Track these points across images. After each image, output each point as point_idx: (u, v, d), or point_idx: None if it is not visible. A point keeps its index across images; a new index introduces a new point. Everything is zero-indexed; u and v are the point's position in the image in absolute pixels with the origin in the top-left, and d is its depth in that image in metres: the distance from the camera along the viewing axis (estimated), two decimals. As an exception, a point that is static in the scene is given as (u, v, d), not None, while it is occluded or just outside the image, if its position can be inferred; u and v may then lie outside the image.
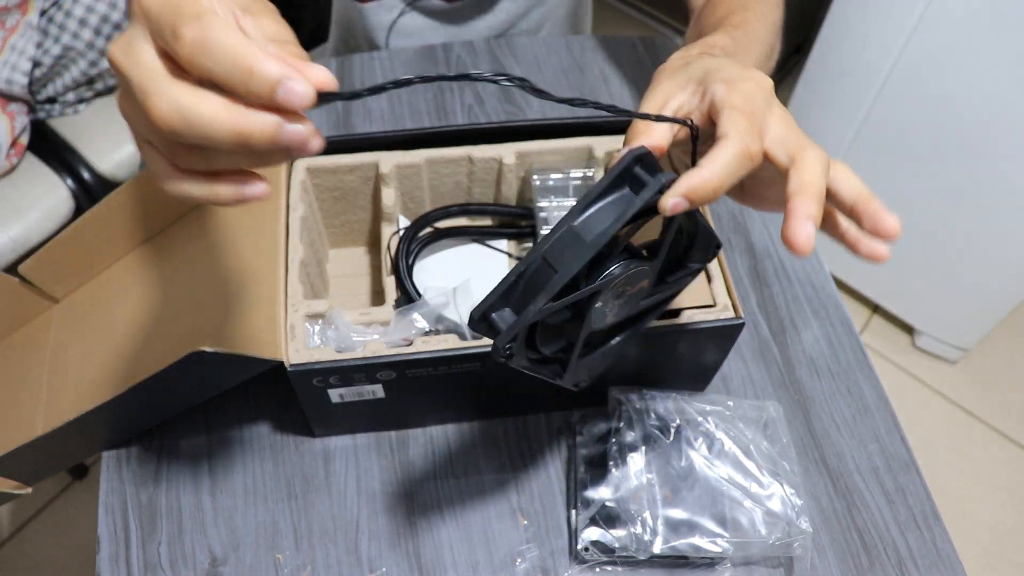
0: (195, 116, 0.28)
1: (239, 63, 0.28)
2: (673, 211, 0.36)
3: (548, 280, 0.36)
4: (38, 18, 1.10)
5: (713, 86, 0.40)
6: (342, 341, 0.54)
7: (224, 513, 0.58)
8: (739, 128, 0.38)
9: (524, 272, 0.37)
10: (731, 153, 0.37)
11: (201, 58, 0.28)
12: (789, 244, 0.36)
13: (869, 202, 0.40)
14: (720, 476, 0.56)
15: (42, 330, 0.66)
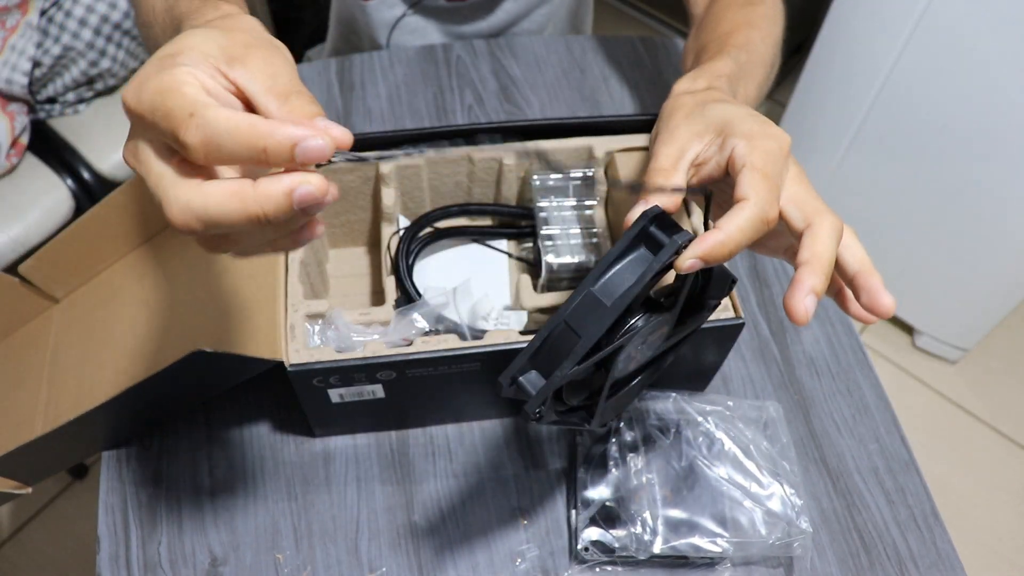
0: (205, 215, 0.29)
1: (251, 146, 0.29)
2: (688, 271, 0.37)
3: (572, 346, 0.37)
4: (38, 18, 1.10)
5: (733, 140, 0.40)
6: (342, 341, 0.54)
7: (224, 513, 0.58)
8: (759, 192, 0.38)
9: (548, 336, 0.38)
10: (749, 217, 0.38)
11: (214, 156, 0.29)
12: (789, 312, 0.37)
13: (870, 276, 0.40)
14: (720, 476, 0.56)
15: (42, 330, 0.66)
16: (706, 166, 0.42)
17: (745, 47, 0.54)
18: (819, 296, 0.37)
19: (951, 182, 1.25)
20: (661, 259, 0.38)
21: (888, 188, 1.33)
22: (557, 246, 0.62)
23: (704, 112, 0.43)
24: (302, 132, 0.29)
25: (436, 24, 0.90)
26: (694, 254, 0.37)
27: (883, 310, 0.39)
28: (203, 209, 0.29)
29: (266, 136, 0.29)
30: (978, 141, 1.17)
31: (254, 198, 0.29)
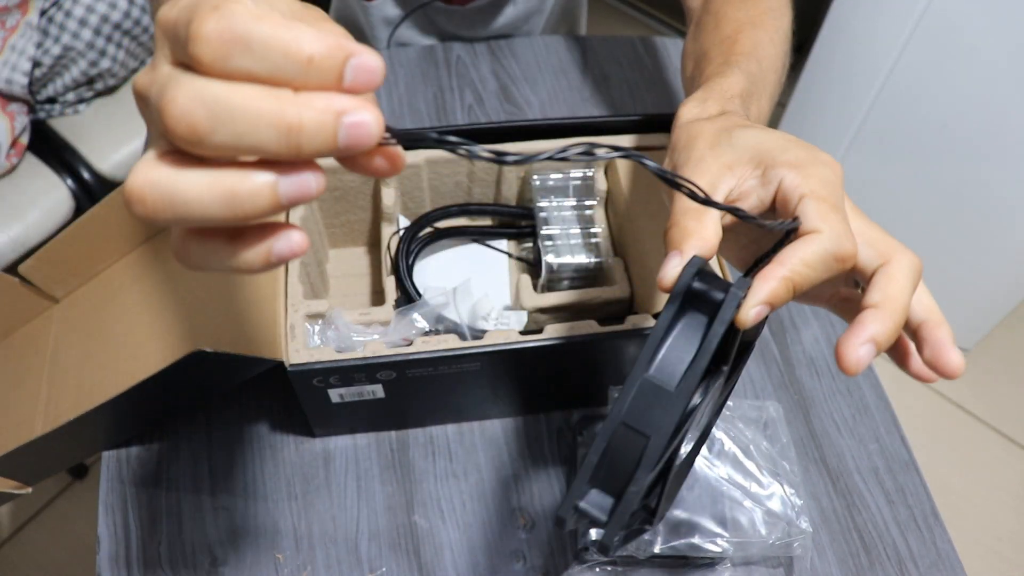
0: (226, 108, 0.21)
1: (291, 52, 0.22)
2: (755, 322, 0.31)
3: (642, 449, 0.31)
4: (38, 18, 1.10)
5: (779, 171, 0.34)
6: (342, 341, 0.54)
7: (224, 513, 0.58)
8: (831, 224, 0.32)
9: (607, 448, 0.32)
10: (823, 251, 0.32)
11: (235, 59, 0.22)
12: (839, 358, 0.31)
13: (937, 328, 0.34)
14: (720, 476, 0.56)
15: (42, 330, 0.66)
16: (742, 203, 0.36)
17: (753, 54, 0.48)
18: (880, 349, 0.31)
19: (951, 182, 1.25)
20: (724, 318, 0.31)
21: (888, 188, 1.33)
22: (557, 246, 0.62)
23: (732, 140, 0.37)
24: (356, 45, 0.22)
25: (436, 27, 0.90)
26: (759, 300, 0.31)
27: (950, 369, 0.34)
28: (224, 96, 0.21)
29: (314, 42, 0.22)
30: (978, 141, 1.17)
31: (294, 102, 0.22)
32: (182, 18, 0.23)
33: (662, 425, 0.30)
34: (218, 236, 0.25)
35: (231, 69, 0.22)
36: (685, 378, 0.31)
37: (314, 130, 0.22)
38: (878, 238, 0.34)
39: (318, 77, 0.22)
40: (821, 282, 0.32)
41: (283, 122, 0.22)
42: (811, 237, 0.32)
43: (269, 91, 0.22)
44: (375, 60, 0.22)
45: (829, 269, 0.32)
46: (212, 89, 0.22)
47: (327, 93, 0.22)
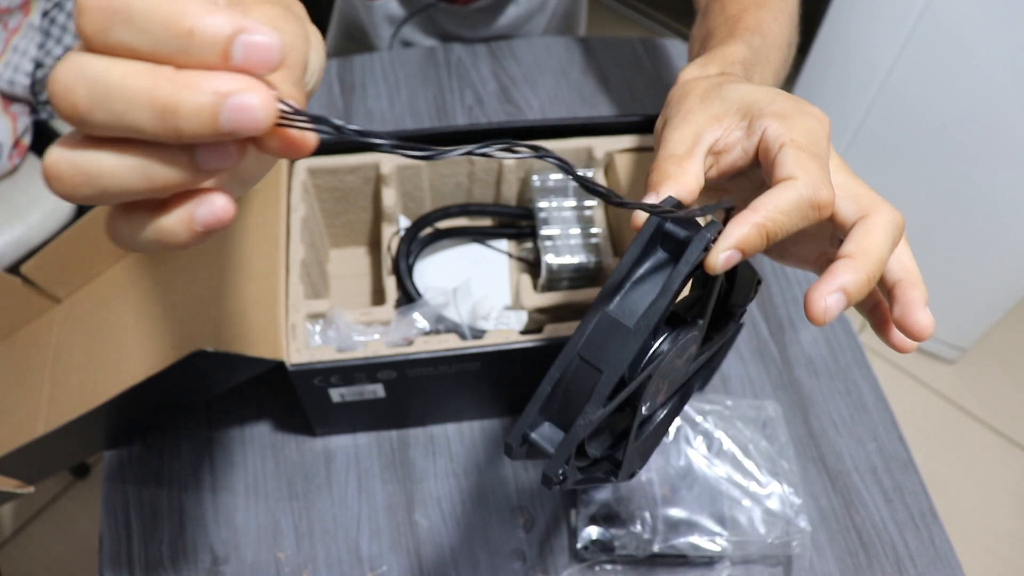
0: (103, 86, 0.20)
1: (172, 23, 0.20)
2: (724, 267, 0.30)
3: (594, 383, 0.30)
4: (40, 19, 1.10)
5: (764, 121, 0.34)
6: (343, 341, 0.54)
7: (225, 512, 0.58)
8: (807, 171, 0.31)
9: (561, 379, 0.31)
10: (797, 197, 0.31)
11: (116, 30, 0.20)
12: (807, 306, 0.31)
13: (911, 288, 0.33)
14: (719, 475, 0.56)
15: (44, 330, 0.66)
16: (728, 154, 0.36)
17: (757, 29, 0.48)
18: (850, 300, 0.30)
19: (949, 183, 1.25)
20: (690, 259, 0.30)
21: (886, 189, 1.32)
22: (557, 246, 0.62)
23: (722, 93, 0.37)
24: (250, 22, 0.20)
25: (438, 28, 0.90)
26: (729, 244, 0.30)
27: (917, 329, 0.32)
28: (102, 73, 0.20)
29: (199, 14, 0.20)
30: (975, 142, 1.17)
31: (172, 81, 0.20)
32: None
33: (616, 360, 0.30)
34: (141, 208, 0.23)
35: (113, 42, 0.20)
36: (644, 316, 0.30)
37: (191, 112, 0.20)
38: (862, 193, 0.34)
39: (201, 53, 0.20)
40: (796, 230, 0.32)
41: (157, 102, 0.20)
42: (786, 184, 0.31)
43: (147, 69, 0.20)
44: (268, 38, 0.20)
45: (805, 217, 0.31)
46: (92, 66, 0.20)
47: (210, 72, 0.20)
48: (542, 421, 0.32)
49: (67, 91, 0.20)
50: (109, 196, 0.22)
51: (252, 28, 0.20)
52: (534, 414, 0.31)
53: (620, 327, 0.30)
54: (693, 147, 0.35)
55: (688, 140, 0.35)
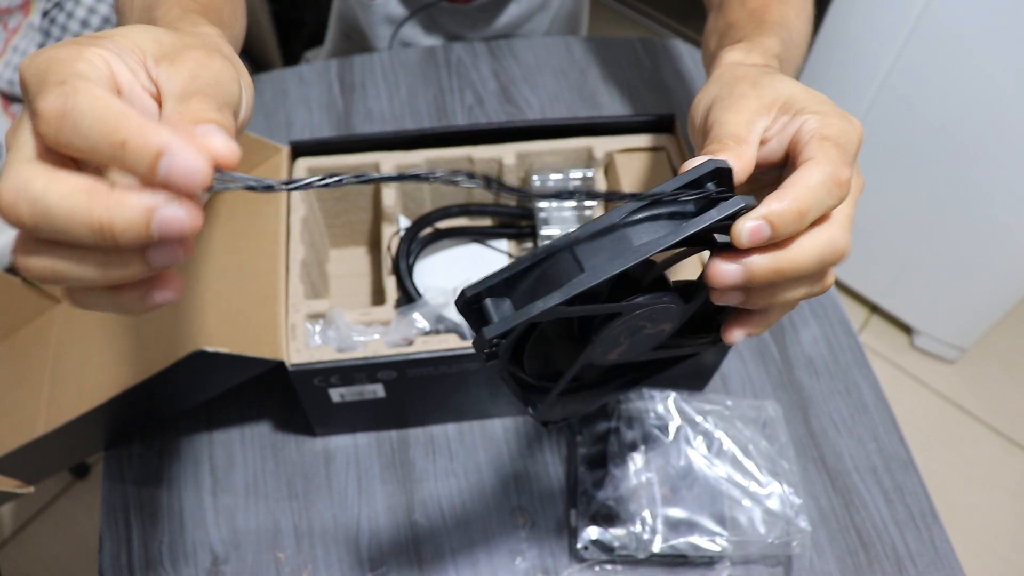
0: (44, 202, 0.23)
1: (108, 134, 0.22)
2: (751, 240, 0.30)
3: (571, 278, 0.29)
4: (40, 19, 1.10)
5: (804, 116, 0.35)
6: (343, 341, 0.54)
7: (225, 512, 0.58)
8: (828, 153, 0.32)
9: (542, 261, 0.30)
10: (819, 174, 0.31)
11: (63, 134, 0.23)
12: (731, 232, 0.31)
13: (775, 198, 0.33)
14: (719, 475, 0.56)
15: (44, 330, 0.66)
16: (766, 145, 0.36)
17: (784, 25, 0.48)
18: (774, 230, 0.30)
19: (949, 182, 1.25)
20: (715, 216, 0.29)
21: (886, 188, 1.33)
22: (557, 246, 0.62)
23: (773, 84, 0.37)
24: (174, 141, 0.23)
25: (439, 27, 0.90)
26: (760, 215, 0.30)
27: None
28: (41, 193, 0.22)
29: (130, 130, 0.22)
30: (976, 142, 1.17)
31: (105, 201, 0.23)
32: (34, 81, 0.24)
33: (601, 268, 0.29)
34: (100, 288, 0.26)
35: (62, 142, 0.23)
36: (648, 243, 0.29)
37: (124, 227, 0.23)
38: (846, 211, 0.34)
39: (133, 164, 0.23)
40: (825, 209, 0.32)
41: (94, 221, 0.23)
42: (808, 163, 0.32)
43: (84, 187, 0.23)
44: (192, 160, 0.23)
45: (830, 193, 0.32)
46: (34, 186, 0.23)
47: (139, 190, 0.23)
48: (504, 295, 0.31)
49: (11, 207, 0.23)
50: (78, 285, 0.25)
51: (176, 149, 0.23)
52: (498, 281, 0.30)
53: (622, 243, 0.30)
54: (749, 133, 0.36)
55: (744, 124, 0.36)
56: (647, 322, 0.34)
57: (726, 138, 0.35)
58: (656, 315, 0.34)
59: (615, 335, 0.34)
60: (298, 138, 0.61)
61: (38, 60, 0.25)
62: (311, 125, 0.79)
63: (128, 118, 0.23)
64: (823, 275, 0.34)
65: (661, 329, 0.35)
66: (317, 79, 0.84)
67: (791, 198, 0.31)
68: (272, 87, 0.82)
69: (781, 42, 0.46)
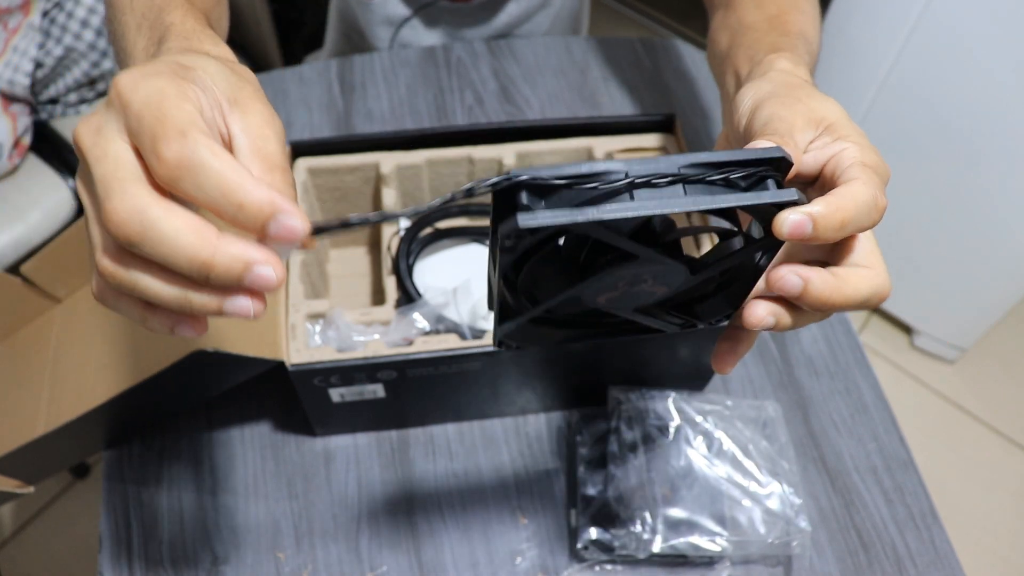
0: (157, 230, 0.26)
1: (228, 194, 0.26)
2: (791, 233, 0.31)
3: (620, 202, 0.30)
4: (40, 19, 1.10)
5: (845, 143, 0.37)
6: (343, 341, 0.54)
7: (225, 512, 0.58)
8: (872, 179, 0.34)
9: (598, 175, 0.30)
10: (866, 194, 0.33)
11: (184, 183, 0.26)
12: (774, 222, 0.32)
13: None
14: (719, 475, 0.56)
15: (44, 330, 0.66)
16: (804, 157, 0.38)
17: (804, 37, 0.50)
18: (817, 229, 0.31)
19: (949, 182, 1.25)
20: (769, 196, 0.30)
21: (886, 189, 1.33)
22: (557, 246, 0.62)
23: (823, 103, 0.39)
24: (287, 206, 0.26)
25: (439, 26, 0.90)
26: (806, 211, 0.31)
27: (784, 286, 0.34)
28: (155, 221, 0.26)
29: (250, 192, 0.26)
30: (976, 141, 1.17)
31: (213, 244, 0.26)
32: (147, 121, 0.26)
33: (653, 204, 0.29)
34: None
35: (180, 189, 0.26)
36: (701, 199, 0.30)
37: (223, 270, 0.26)
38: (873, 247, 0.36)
39: (245, 223, 0.26)
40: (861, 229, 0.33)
41: (198, 258, 0.26)
42: (854, 183, 0.33)
43: (196, 228, 0.26)
44: (297, 223, 0.27)
45: (869, 213, 0.33)
46: (150, 213, 0.26)
47: (243, 242, 0.27)
48: (540, 199, 0.30)
49: (123, 225, 0.26)
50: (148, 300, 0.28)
51: (287, 211, 0.27)
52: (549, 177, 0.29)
53: (677, 190, 0.30)
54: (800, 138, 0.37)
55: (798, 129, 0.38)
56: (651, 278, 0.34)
57: (786, 135, 0.37)
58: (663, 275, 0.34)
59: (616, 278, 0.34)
60: (298, 138, 0.61)
61: (146, 91, 0.27)
62: (311, 125, 0.79)
63: (246, 183, 0.26)
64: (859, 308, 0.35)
65: (654, 291, 0.36)
66: (317, 79, 0.84)
67: (837, 206, 0.32)
68: (272, 87, 0.82)
69: (809, 55, 0.48)
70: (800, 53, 0.47)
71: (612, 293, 0.35)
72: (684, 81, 0.85)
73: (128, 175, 0.27)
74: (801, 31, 0.50)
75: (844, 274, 0.33)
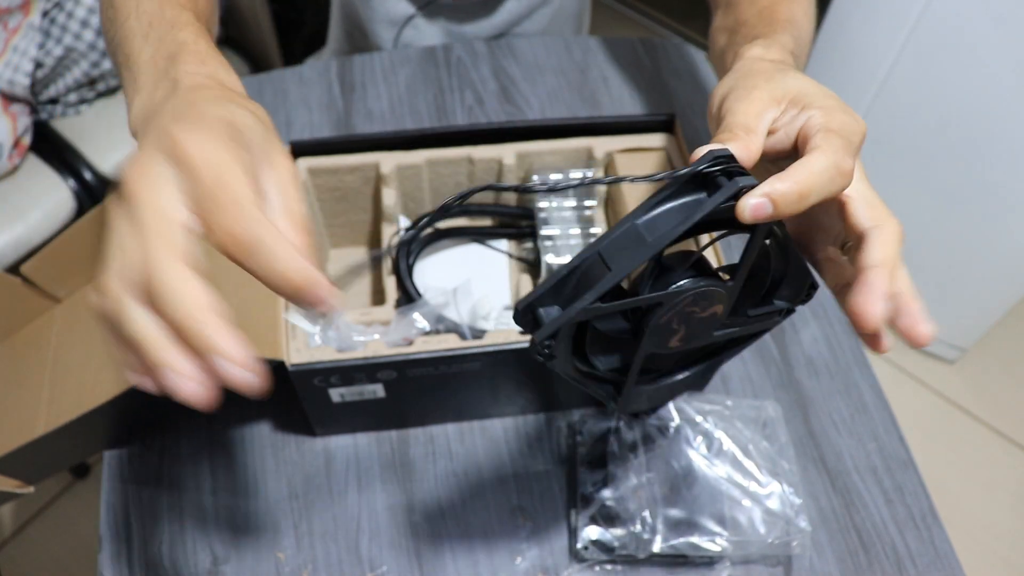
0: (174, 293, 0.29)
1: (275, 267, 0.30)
2: (753, 215, 0.33)
3: (600, 278, 0.33)
4: (40, 19, 1.10)
5: (811, 111, 0.38)
6: (343, 341, 0.54)
7: (225, 512, 0.58)
8: (833, 144, 0.35)
9: (577, 268, 0.34)
10: (824, 162, 0.34)
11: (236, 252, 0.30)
12: (859, 317, 0.34)
13: (913, 301, 0.37)
14: (719, 475, 0.56)
15: (44, 330, 0.66)
16: (774, 135, 0.39)
17: (793, 23, 0.51)
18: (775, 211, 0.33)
19: (949, 182, 1.25)
20: (717, 199, 0.32)
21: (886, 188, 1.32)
22: (557, 246, 0.62)
23: (785, 79, 0.41)
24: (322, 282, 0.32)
25: (438, 22, 0.90)
26: (762, 192, 0.33)
27: (923, 338, 0.36)
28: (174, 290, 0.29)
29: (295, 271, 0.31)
30: (976, 141, 1.17)
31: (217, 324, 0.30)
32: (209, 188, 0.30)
33: (624, 264, 0.33)
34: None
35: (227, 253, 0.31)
36: (663, 235, 0.33)
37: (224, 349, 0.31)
38: (876, 203, 0.38)
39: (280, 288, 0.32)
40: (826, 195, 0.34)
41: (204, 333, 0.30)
42: (814, 152, 0.35)
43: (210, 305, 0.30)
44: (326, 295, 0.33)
45: (832, 181, 0.34)
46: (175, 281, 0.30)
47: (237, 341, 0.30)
48: (553, 303, 0.35)
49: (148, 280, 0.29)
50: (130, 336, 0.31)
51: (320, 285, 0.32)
52: (545, 291, 0.34)
53: (641, 239, 0.33)
54: (757, 124, 0.38)
55: (753, 115, 0.39)
56: (694, 307, 0.36)
57: (736, 127, 0.38)
58: (700, 298, 0.36)
59: (665, 323, 0.36)
60: (298, 138, 0.61)
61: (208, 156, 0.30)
62: (311, 125, 0.79)
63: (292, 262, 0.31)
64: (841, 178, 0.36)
65: (714, 312, 0.38)
66: (317, 79, 0.84)
67: (793, 180, 0.33)
68: (272, 87, 0.82)
69: (793, 39, 0.49)
70: (779, 38, 0.48)
71: (677, 335, 0.38)
72: (684, 81, 0.85)
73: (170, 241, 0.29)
74: (789, 18, 0.51)
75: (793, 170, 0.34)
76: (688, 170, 0.33)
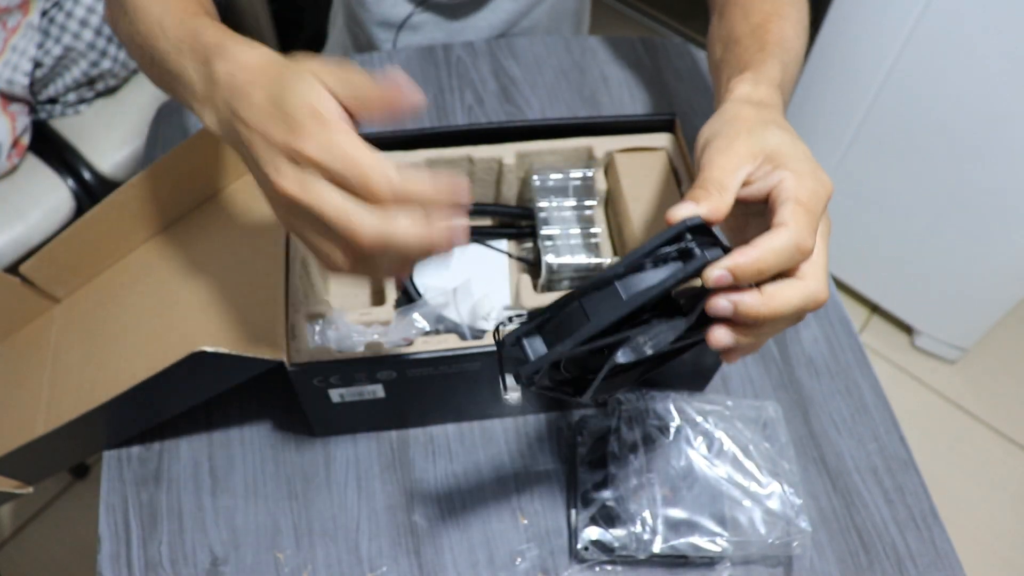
0: (396, 240, 0.35)
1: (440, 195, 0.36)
2: (716, 284, 0.38)
3: (580, 326, 0.39)
4: (39, 19, 1.10)
5: (783, 173, 0.41)
6: (342, 341, 0.54)
7: (225, 512, 0.58)
8: (798, 221, 0.39)
9: (561, 310, 0.40)
10: (786, 241, 0.38)
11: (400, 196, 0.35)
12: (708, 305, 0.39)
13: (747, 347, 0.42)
14: (719, 475, 0.56)
15: (43, 330, 0.66)
16: (748, 187, 0.42)
17: (783, 44, 0.53)
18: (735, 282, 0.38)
19: (950, 182, 1.25)
20: (687, 270, 0.38)
21: (887, 188, 1.33)
22: (557, 246, 0.62)
23: (764, 134, 0.43)
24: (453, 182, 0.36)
25: (436, 21, 0.90)
26: (724, 266, 0.37)
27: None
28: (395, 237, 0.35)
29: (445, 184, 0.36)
30: (977, 141, 1.17)
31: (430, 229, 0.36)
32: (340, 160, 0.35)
33: (602, 317, 0.38)
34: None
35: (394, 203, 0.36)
36: (638, 295, 0.38)
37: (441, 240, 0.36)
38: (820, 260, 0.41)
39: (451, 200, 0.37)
40: (782, 269, 0.38)
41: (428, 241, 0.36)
42: (781, 228, 0.38)
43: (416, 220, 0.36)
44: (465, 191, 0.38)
45: (792, 256, 0.38)
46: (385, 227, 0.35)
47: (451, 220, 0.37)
48: (536, 334, 0.40)
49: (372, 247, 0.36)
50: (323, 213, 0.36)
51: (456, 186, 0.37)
52: (532, 326, 0.40)
53: (618, 295, 0.38)
54: (730, 181, 0.41)
55: (729, 171, 0.42)
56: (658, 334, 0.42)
57: (709, 184, 0.41)
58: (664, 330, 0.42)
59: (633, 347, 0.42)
60: (298, 138, 0.61)
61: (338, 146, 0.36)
62: (311, 125, 0.79)
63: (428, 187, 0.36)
64: (801, 317, 0.41)
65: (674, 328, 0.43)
66: (317, 79, 0.84)
67: (754, 257, 0.37)
68: (272, 87, 0.82)
69: (782, 66, 0.51)
70: (768, 69, 0.50)
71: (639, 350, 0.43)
72: (684, 81, 0.85)
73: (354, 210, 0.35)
74: (780, 39, 0.53)
75: (772, 290, 0.38)
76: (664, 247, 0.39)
